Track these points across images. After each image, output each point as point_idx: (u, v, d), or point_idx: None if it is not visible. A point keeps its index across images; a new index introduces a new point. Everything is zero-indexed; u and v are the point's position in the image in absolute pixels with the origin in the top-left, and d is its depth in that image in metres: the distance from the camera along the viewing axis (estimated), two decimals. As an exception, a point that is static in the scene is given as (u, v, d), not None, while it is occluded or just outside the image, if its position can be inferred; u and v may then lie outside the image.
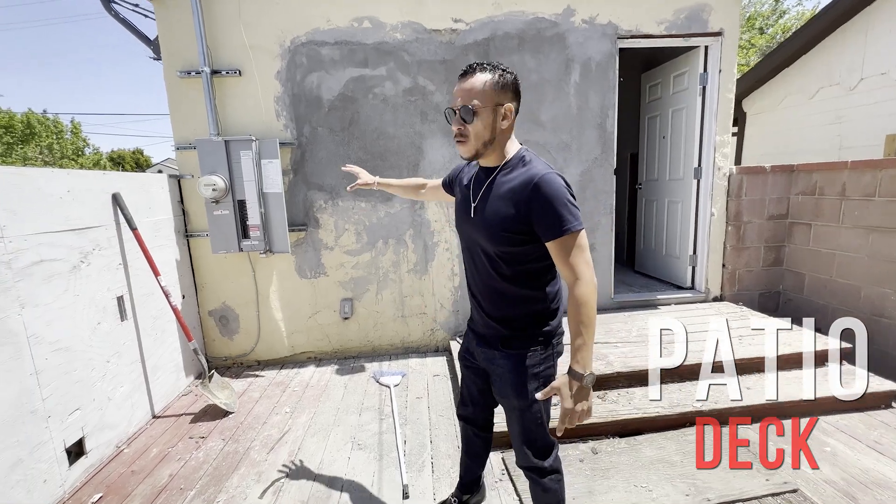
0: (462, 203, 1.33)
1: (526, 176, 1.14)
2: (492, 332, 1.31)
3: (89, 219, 2.19)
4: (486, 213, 1.21)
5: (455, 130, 1.19)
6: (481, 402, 1.52)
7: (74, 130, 19.20)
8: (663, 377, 2.52)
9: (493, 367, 1.32)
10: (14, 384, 1.73)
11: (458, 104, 1.16)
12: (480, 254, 1.26)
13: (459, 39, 3.07)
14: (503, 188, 1.18)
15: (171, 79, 2.91)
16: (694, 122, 3.51)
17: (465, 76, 1.17)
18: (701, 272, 3.64)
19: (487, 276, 1.27)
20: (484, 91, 1.13)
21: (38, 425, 1.83)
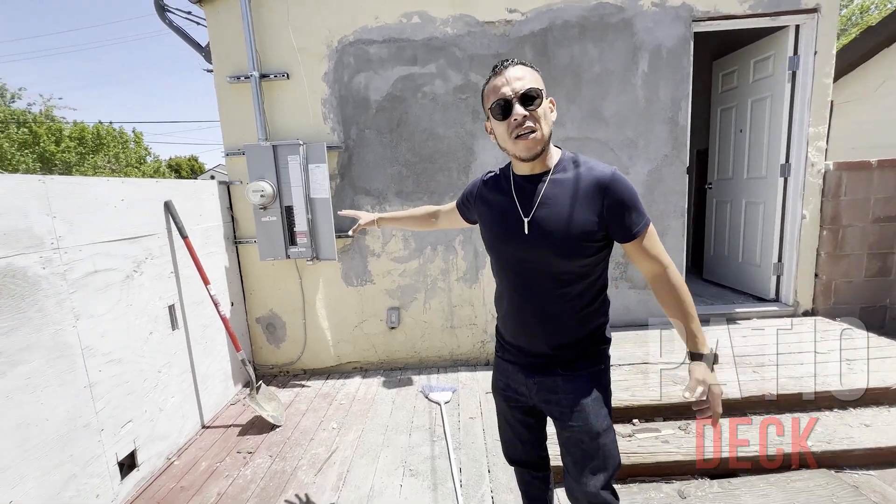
0: (502, 220, 1.12)
1: (593, 176, 1.04)
2: (550, 360, 1.14)
3: (142, 227, 2.16)
4: (551, 225, 1.03)
5: (517, 121, 0.99)
6: (532, 440, 1.33)
7: (137, 140, 20.62)
8: (755, 407, 2.19)
9: (556, 395, 1.14)
10: (69, 398, 1.70)
11: (518, 89, 0.99)
12: (539, 275, 1.08)
13: (514, 31, 2.85)
14: (568, 193, 1.04)
15: (222, 84, 2.89)
16: (781, 112, 3.10)
17: (505, 67, 1.02)
18: (788, 282, 3.20)
19: (549, 300, 1.09)
20: (536, 75, 1.02)
21: (92, 439, 1.79)
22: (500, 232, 1.13)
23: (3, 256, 1.50)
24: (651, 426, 2.13)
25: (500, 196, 1.15)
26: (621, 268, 3.10)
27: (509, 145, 1.04)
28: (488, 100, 1.04)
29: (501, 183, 1.16)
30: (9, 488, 1.45)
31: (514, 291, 1.14)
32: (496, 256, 1.17)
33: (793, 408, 2.17)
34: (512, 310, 1.16)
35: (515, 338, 1.19)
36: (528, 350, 1.16)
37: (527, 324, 1.14)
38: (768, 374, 2.34)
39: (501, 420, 1.36)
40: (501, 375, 1.27)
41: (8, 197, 1.54)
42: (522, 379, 1.18)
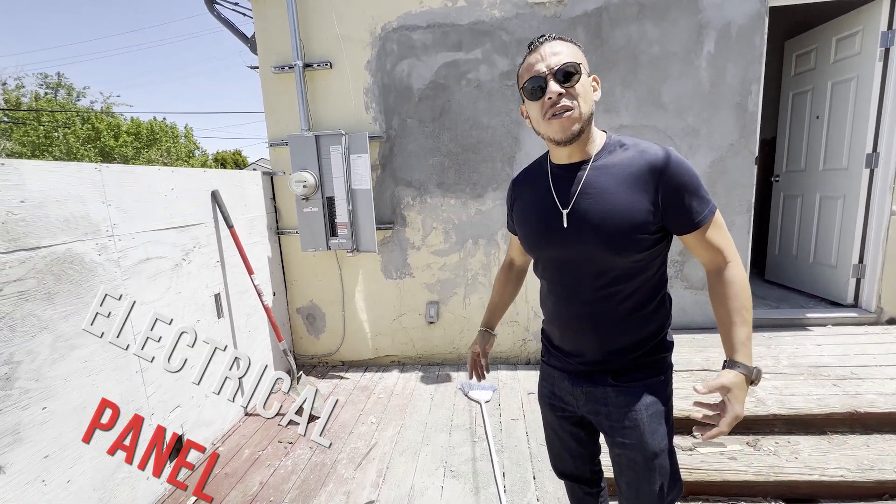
0: (537, 214, 1.01)
1: (645, 158, 0.90)
2: (600, 367, 1.02)
3: (191, 216, 2.19)
4: (595, 216, 0.91)
5: (551, 101, 0.87)
6: (583, 454, 1.20)
7: (187, 135, 21.70)
8: (837, 425, 1.95)
9: (606, 408, 1.01)
10: (122, 382, 1.74)
11: (553, 64, 0.87)
12: (585, 273, 0.96)
13: (566, 12, 2.67)
14: (615, 180, 0.91)
15: (266, 75, 2.90)
16: (868, 95, 2.75)
17: (541, 43, 0.91)
18: (870, 286, 2.87)
19: (597, 301, 0.97)
20: (575, 50, 0.91)
21: (143, 422, 1.83)
22: (536, 228, 1.01)
23: (64, 242, 1.53)
24: (715, 440, 1.94)
25: (534, 188, 1.04)
26: (677, 266, 2.88)
27: (543, 127, 0.92)
28: (522, 79, 0.94)
29: (536, 174, 1.05)
30: (67, 468, 1.49)
31: (559, 292, 1.03)
32: (536, 255, 1.06)
33: (883, 428, 1.92)
34: (558, 312, 1.06)
35: (562, 342, 1.08)
36: (576, 355, 1.05)
37: (574, 327, 1.03)
38: (851, 388, 2.09)
39: (549, 430, 1.23)
40: (547, 382, 1.16)
41: (68, 184, 1.57)
42: (569, 387, 1.07)
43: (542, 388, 1.18)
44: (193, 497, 1.89)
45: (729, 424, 0.83)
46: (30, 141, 16.21)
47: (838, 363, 2.33)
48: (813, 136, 3.27)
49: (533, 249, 1.06)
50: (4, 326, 1.33)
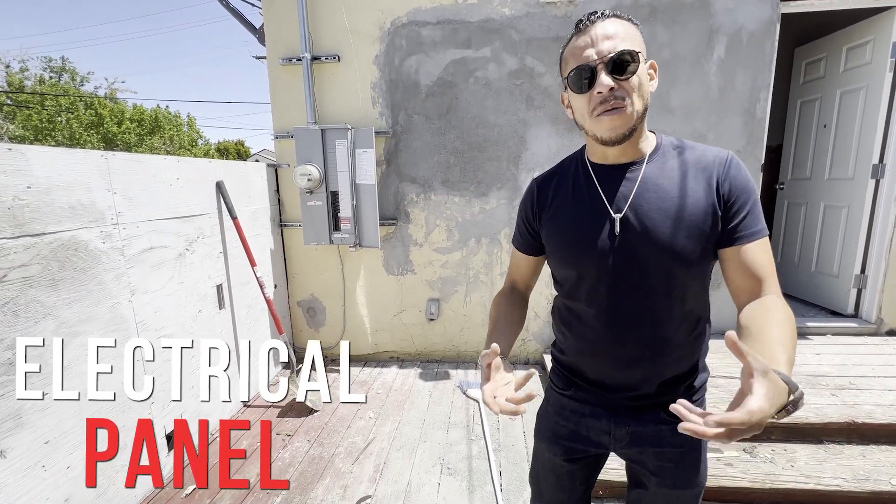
0: (580, 222, 0.85)
1: (707, 159, 0.80)
2: (653, 401, 0.88)
3: (195, 206, 2.19)
4: (656, 221, 0.78)
5: (601, 95, 0.74)
6: (584, 497, 1.05)
7: (190, 123, 21.65)
8: (835, 435, 1.96)
9: (658, 449, 0.89)
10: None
11: (607, 50, 0.73)
12: (642, 289, 0.82)
13: (577, 12, 2.66)
14: (676, 181, 0.80)
15: (274, 67, 2.88)
16: (877, 105, 2.74)
17: (592, 23, 0.76)
18: (871, 297, 2.87)
19: (656, 323, 0.83)
20: (634, 31, 0.77)
21: (143, 411, 1.83)
22: (580, 238, 0.84)
23: (69, 229, 1.53)
24: (711, 446, 1.95)
25: (574, 192, 0.88)
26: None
27: (589, 123, 0.79)
28: (566, 65, 0.80)
29: (571, 175, 0.90)
30: (67, 454, 1.50)
31: (602, 318, 0.85)
32: (576, 272, 0.87)
33: (880, 439, 1.92)
34: (599, 342, 0.87)
35: (604, 375, 0.90)
36: (625, 390, 0.89)
37: (621, 358, 0.86)
38: (849, 398, 2.09)
39: (547, 474, 1.03)
40: (566, 420, 0.96)
41: (74, 171, 1.56)
42: (606, 426, 0.91)
43: (556, 426, 0.98)
44: (192, 486, 1.90)
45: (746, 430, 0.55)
46: (32, 125, 16.17)
47: (837, 373, 2.34)
48: (819, 145, 3.26)
49: (570, 263, 0.88)
50: (8, 311, 1.33)
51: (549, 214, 0.91)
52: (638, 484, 0.97)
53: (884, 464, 1.79)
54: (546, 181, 0.94)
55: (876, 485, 1.68)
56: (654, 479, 0.92)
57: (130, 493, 1.76)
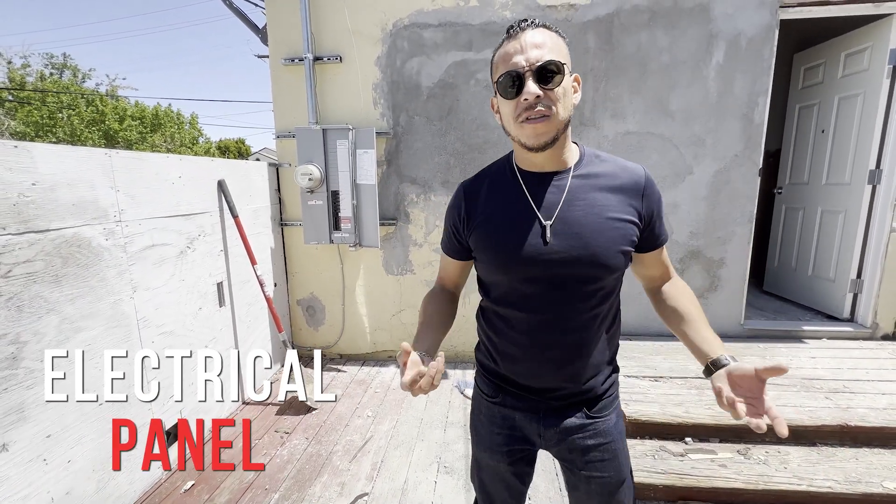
0: (513, 229, 0.86)
1: (628, 172, 0.87)
2: (578, 400, 0.93)
3: (197, 204, 2.21)
4: (586, 229, 0.82)
5: (527, 102, 0.76)
6: (524, 492, 1.07)
7: (192, 122, 21.67)
8: (828, 437, 1.98)
9: (585, 442, 0.93)
10: (124, 367, 1.76)
11: (535, 59, 0.75)
12: (570, 296, 0.85)
13: (577, 16, 2.68)
14: (602, 190, 0.85)
15: (276, 66, 2.90)
16: (874, 111, 2.76)
17: (522, 30, 0.78)
18: (867, 301, 2.89)
19: (581, 327, 0.88)
20: (560, 43, 0.79)
21: (143, 406, 1.85)
22: (512, 247, 0.85)
23: (73, 226, 1.55)
24: (706, 447, 1.97)
25: (504, 199, 0.88)
26: (677, 273, 2.89)
27: (514, 129, 0.81)
28: (496, 70, 0.81)
29: (500, 181, 0.90)
30: (68, 448, 1.52)
31: (533, 323, 0.88)
32: (507, 279, 0.88)
33: (872, 442, 1.94)
34: (529, 346, 0.90)
35: (531, 379, 0.92)
36: (551, 391, 0.92)
37: (550, 360, 0.89)
38: (843, 401, 2.11)
39: (492, 480, 1.05)
40: (500, 428, 0.97)
41: (78, 168, 1.58)
42: (536, 428, 0.94)
43: (492, 435, 0.99)
44: (191, 481, 1.92)
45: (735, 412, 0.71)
46: (33, 121, 16.18)
47: (832, 376, 2.36)
48: (817, 150, 3.28)
49: (502, 271, 0.89)
50: (12, 307, 1.35)
51: (478, 221, 0.91)
52: (573, 482, 1.00)
53: (876, 466, 1.81)
54: (475, 187, 0.94)
55: (867, 487, 1.70)
56: (584, 474, 0.95)
57: (130, 488, 1.77)
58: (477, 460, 1.07)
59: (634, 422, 2.03)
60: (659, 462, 1.87)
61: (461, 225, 0.94)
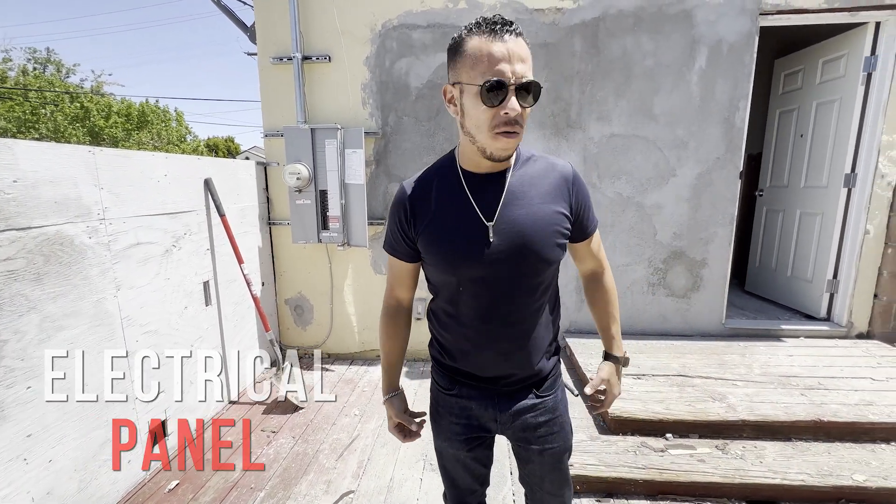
0: (457, 230, 0.89)
1: (557, 169, 0.92)
2: (527, 383, 0.99)
3: (183, 203, 2.20)
4: (525, 226, 0.86)
5: (507, 115, 0.76)
6: (486, 474, 1.16)
7: (178, 119, 21.38)
8: (802, 433, 2.04)
9: (536, 420, 0.99)
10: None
11: (521, 75, 0.76)
12: (513, 290, 0.90)
13: (564, 20, 2.72)
14: (537, 189, 0.89)
15: (265, 65, 2.90)
16: (850, 117, 2.85)
17: (509, 32, 0.76)
18: (842, 301, 2.98)
19: (526, 318, 0.93)
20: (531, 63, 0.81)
21: (127, 406, 1.84)
22: (458, 247, 0.88)
23: (55, 224, 1.53)
24: (685, 442, 2.02)
25: (448, 200, 0.90)
26: (660, 274, 2.96)
27: (483, 137, 0.80)
28: (473, 67, 0.76)
29: (442, 184, 0.91)
30: (49, 447, 1.50)
31: (482, 315, 0.92)
32: (455, 279, 0.91)
33: (844, 437, 2.01)
34: (479, 340, 0.94)
35: (483, 369, 0.97)
36: (503, 379, 0.97)
37: (500, 352, 0.94)
38: (817, 397, 2.18)
39: (455, 466, 1.10)
40: (457, 417, 1.01)
41: (61, 165, 1.57)
42: (492, 413, 0.99)
43: (451, 425, 1.02)
44: (175, 481, 1.91)
45: (611, 403, 1.08)
46: (15, 117, 15.82)
47: (807, 374, 2.43)
48: (796, 154, 3.37)
49: (450, 271, 0.91)
50: (-8, 305, 1.34)
51: (425, 223, 0.91)
52: (525, 457, 1.07)
53: (847, 460, 1.88)
54: (419, 188, 0.93)
55: (838, 479, 1.76)
56: (536, 448, 1.02)
57: (112, 488, 1.76)
58: (439, 451, 1.13)
59: (617, 419, 2.08)
60: (640, 458, 1.91)
61: (408, 226, 0.93)
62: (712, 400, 2.18)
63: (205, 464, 2.04)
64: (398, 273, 1.02)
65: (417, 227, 0.92)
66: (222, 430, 2.31)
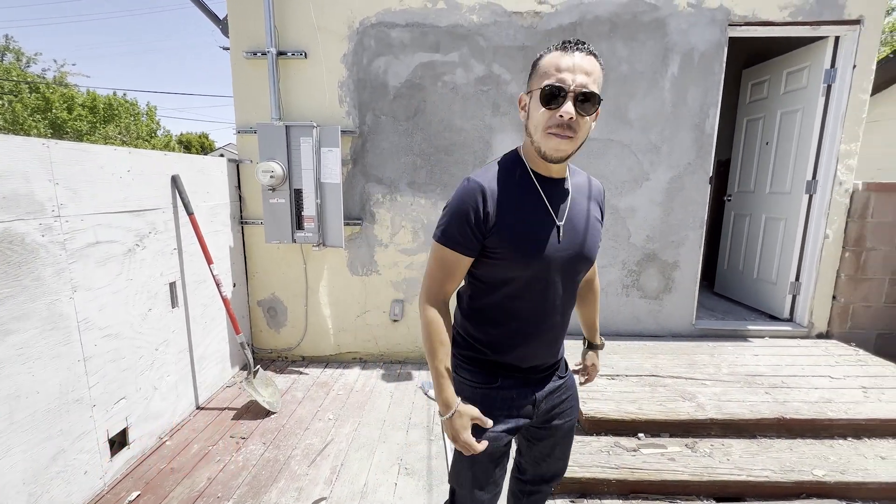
0: (537, 230, 0.95)
1: (593, 181, 1.10)
2: (552, 368, 1.13)
3: (148, 200, 2.10)
4: (581, 229, 1.00)
5: (561, 118, 0.84)
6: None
7: (149, 113, 20.58)
8: (766, 430, 2.11)
9: (561, 398, 1.14)
10: (62, 371, 1.65)
11: (582, 84, 0.84)
12: (564, 285, 1.01)
13: (542, 24, 2.75)
14: (585, 197, 1.04)
15: (238, 59, 2.81)
16: (811, 126, 2.98)
17: (580, 50, 0.86)
18: (804, 303, 3.11)
19: (567, 309, 1.06)
20: (600, 78, 0.90)
21: (83, 414, 1.74)
22: (535, 244, 0.94)
23: (3, 221, 1.44)
24: (657, 442, 2.06)
25: (524, 199, 0.95)
26: (633, 276, 3.02)
27: (538, 136, 0.89)
28: (542, 76, 0.87)
29: (516, 184, 0.96)
30: (-7, 460, 1.40)
31: (542, 312, 1.01)
32: (525, 275, 0.96)
33: (805, 433, 2.09)
34: (531, 333, 1.01)
35: (524, 360, 1.04)
36: (539, 367, 1.07)
37: (546, 340, 1.04)
38: (781, 395, 2.26)
39: (486, 465, 1.08)
40: (499, 410, 1.03)
41: (11, 159, 1.47)
42: (531, 399, 1.06)
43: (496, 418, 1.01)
44: (136, 492, 1.82)
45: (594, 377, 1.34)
46: (-31, 106, 14.91)
47: (772, 373, 2.52)
48: (762, 161, 3.51)
49: (523, 267, 0.96)
50: (-71, 308, 1.24)
51: (500, 218, 0.93)
52: (539, 436, 1.17)
53: (808, 456, 1.95)
54: (494, 184, 0.94)
55: (800, 475, 1.83)
56: (558, 423, 1.14)
57: (67, 500, 1.66)
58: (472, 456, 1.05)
59: (591, 419, 2.10)
60: (613, 457, 1.93)
61: (483, 221, 0.93)
62: (683, 399, 2.23)
63: (168, 473, 1.96)
64: (453, 268, 0.98)
65: (493, 220, 0.93)
66: (188, 437, 2.22)
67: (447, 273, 0.99)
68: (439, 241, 0.97)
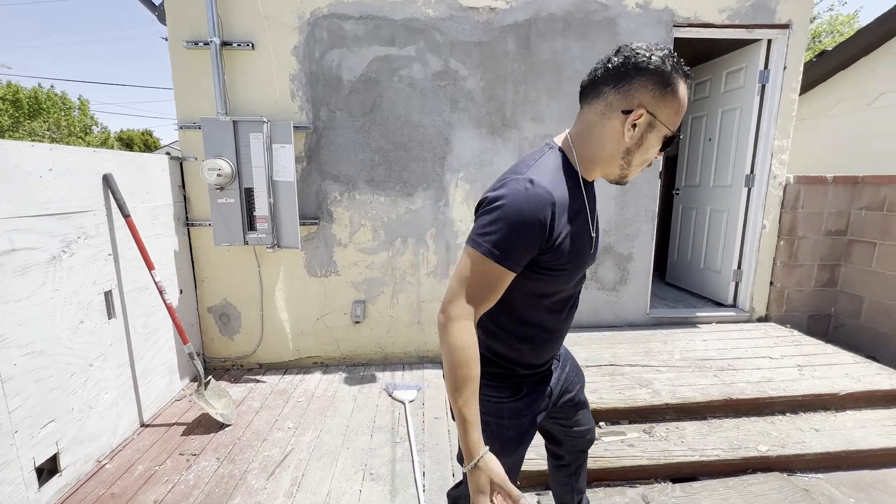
0: (582, 240, 0.92)
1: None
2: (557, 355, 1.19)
3: (75, 202, 1.91)
4: (599, 234, 1.02)
5: (654, 159, 0.91)
6: None
7: (82, 108, 18.97)
8: (715, 411, 2.23)
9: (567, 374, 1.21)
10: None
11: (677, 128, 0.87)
12: (582, 285, 1.08)
13: (498, 20, 2.75)
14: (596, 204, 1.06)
15: (177, 49, 2.61)
16: (749, 124, 3.18)
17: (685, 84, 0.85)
18: (745, 290, 3.32)
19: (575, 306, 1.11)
20: None
21: (3, 442, 1.55)
22: (584, 256, 0.93)
23: None
24: (617, 429, 2.12)
25: (578, 212, 0.90)
26: (592, 268, 3.10)
27: (635, 168, 0.89)
28: (675, 113, 0.83)
29: (572, 192, 0.88)
30: None
31: (565, 318, 1.04)
32: (567, 287, 0.96)
33: (749, 412, 2.23)
34: (557, 338, 1.06)
35: (544, 356, 1.06)
36: (553, 358, 1.13)
37: (562, 336, 1.09)
38: (728, 378, 2.40)
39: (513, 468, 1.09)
40: (524, 417, 1.04)
41: None
42: (547, 391, 1.10)
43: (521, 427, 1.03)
44: (69, 524, 1.65)
45: None
46: None
47: (719, 356, 2.67)
48: (706, 156, 3.71)
49: (567, 281, 0.94)
50: None
51: (562, 234, 0.85)
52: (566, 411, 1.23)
53: (752, 433, 2.08)
54: (559, 194, 0.84)
55: (746, 451, 1.95)
56: (570, 395, 1.20)
57: (-15, 540, 1.48)
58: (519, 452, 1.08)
59: (554, 411, 2.13)
60: (576, 447, 1.97)
61: (549, 233, 0.83)
62: (640, 387, 2.32)
63: (108, 499, 1.80)
64: (498, 285, 0.84)
65: (557, 239, 0.84)
66: (131, 457, 2.05)
67: (490, 289, 0.84)
68: (488, 256, 0.80)
